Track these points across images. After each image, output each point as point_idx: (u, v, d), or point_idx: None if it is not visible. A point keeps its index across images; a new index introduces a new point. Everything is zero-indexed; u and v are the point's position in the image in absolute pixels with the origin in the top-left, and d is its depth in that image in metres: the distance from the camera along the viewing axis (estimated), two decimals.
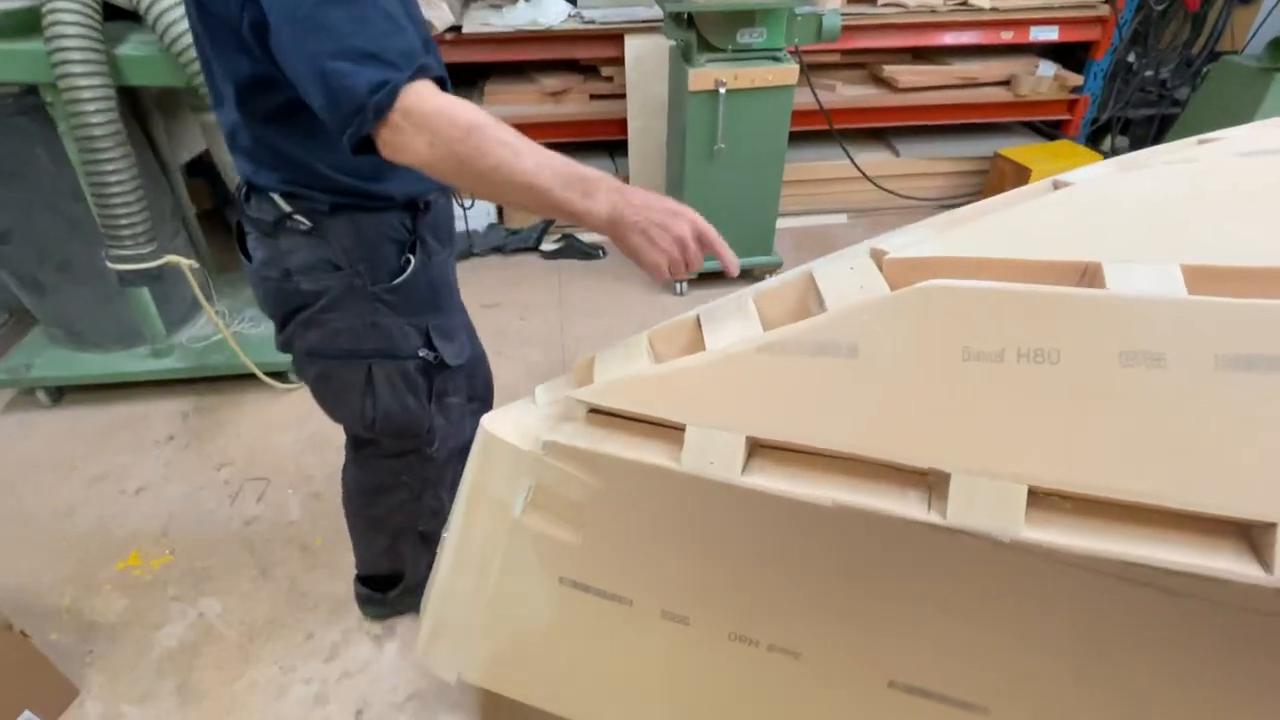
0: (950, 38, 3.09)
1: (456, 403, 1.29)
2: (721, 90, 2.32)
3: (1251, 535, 0.67)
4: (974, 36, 3.10)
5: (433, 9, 2.69)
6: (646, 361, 0.90)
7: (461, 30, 2.79)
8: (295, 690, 1.48)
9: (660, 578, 0.92)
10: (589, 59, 3.05)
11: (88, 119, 1.70)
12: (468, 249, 3.02)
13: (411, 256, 1.09)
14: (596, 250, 3.03)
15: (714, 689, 0.97)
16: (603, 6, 2.85)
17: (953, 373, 0.73)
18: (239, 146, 1.01)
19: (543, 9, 2.83)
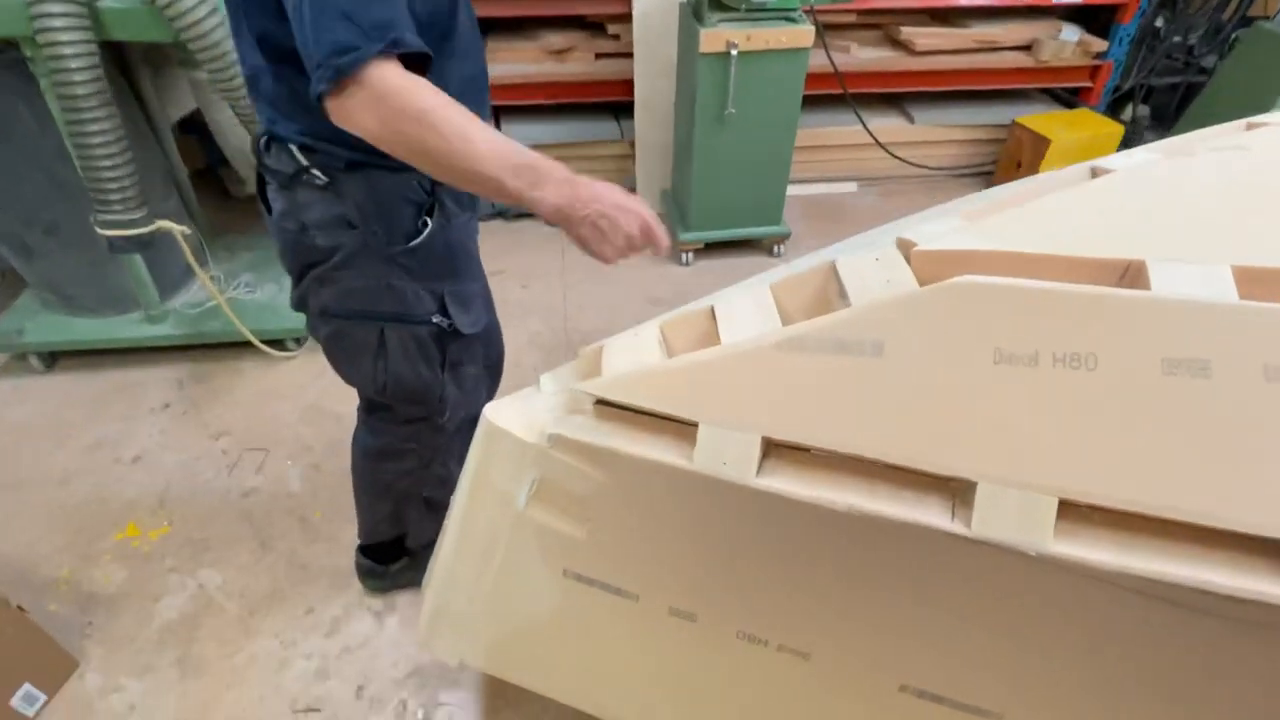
0: None
1: (472, 372, 1.28)
2: (733, 52, 2.23)
3: None
4: None
5: None
6: (658, 354, 0.86)
7: None
8: (296, 665, 1.48)
9: (668, 574, 0.90)
10: (595, 15, 2.92)
11: (70, 76, 1.62)
12: None
13: (429, 219, 1.06)
14: None
15: (720, 686, 0.96)
16: None
17: (983, 375, 0.69)
18: (261, 93, 0.99)
19: None
